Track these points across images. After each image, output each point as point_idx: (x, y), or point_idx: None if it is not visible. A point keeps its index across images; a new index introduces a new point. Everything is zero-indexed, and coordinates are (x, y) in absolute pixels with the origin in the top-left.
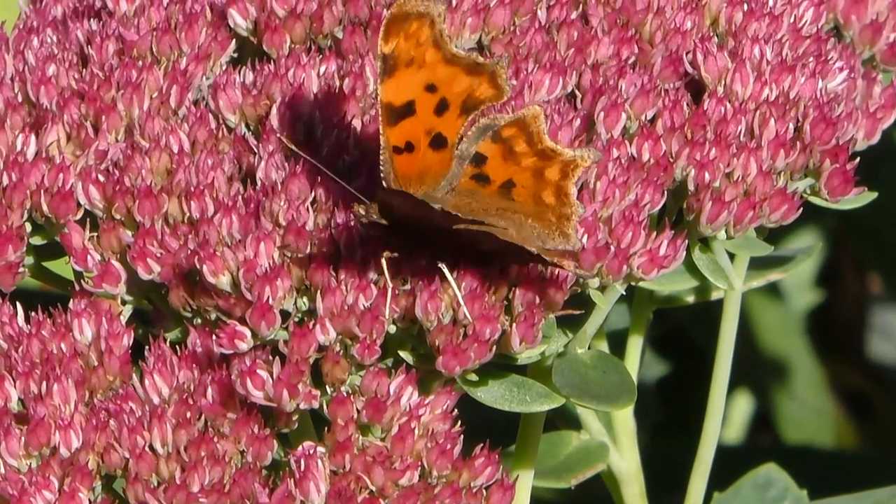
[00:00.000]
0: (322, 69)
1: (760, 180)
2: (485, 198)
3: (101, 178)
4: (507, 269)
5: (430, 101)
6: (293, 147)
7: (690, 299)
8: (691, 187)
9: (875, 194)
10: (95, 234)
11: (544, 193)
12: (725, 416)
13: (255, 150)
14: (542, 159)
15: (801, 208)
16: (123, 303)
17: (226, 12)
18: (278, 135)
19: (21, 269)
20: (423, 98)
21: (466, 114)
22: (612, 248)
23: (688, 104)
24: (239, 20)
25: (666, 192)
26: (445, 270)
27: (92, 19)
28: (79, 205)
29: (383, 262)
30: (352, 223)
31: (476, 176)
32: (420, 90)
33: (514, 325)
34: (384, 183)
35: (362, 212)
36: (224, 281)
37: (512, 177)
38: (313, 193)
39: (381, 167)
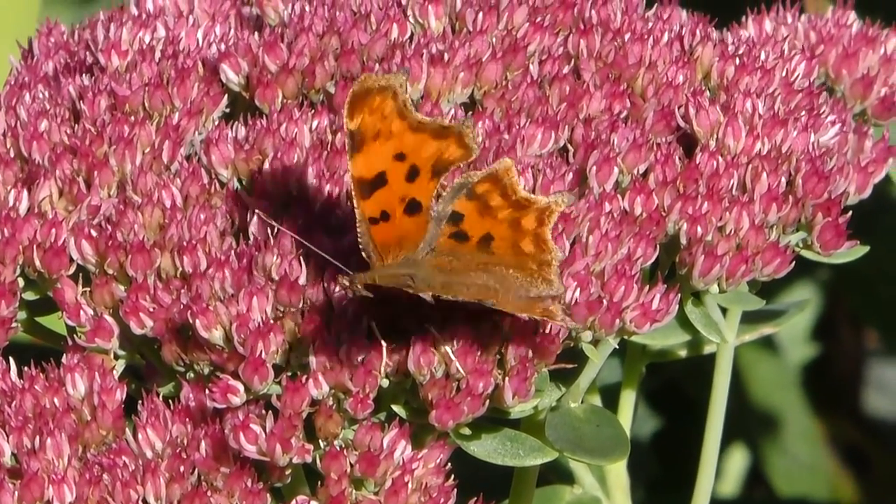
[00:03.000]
0: (314, 124)
1: (753, 234)
2: (465, 254)
3: (94, 234)
4: (500, 322)
5: (400, 169)
6: (268, 220)
7: (683, 353)
8: (683, 241)
9: (867, 248)
10: (88, 288)
11: (523, 242)
12: (720, 470)
13: (248, 206)
14: (517, 210)
15: (794, 262)
16: (116, 357)
17: (218, 67)
18: (256, 211)
19: (14, 325)
20: (394, 167)
21: (437, 176)
22: (605, 301)
23: (680, 158)
24: (231, 75)
25: (658, 246)
26: (434, 332)
27: (84, 75)
28: (71, 260)
29: (374, 327)
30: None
31: (454, 234)
32: (389, 160)
33: (506, 378)
34: (363, 253)
35: (346, 283)
36: (217, 335)
37: (489, 230)
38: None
39: (359, 239)
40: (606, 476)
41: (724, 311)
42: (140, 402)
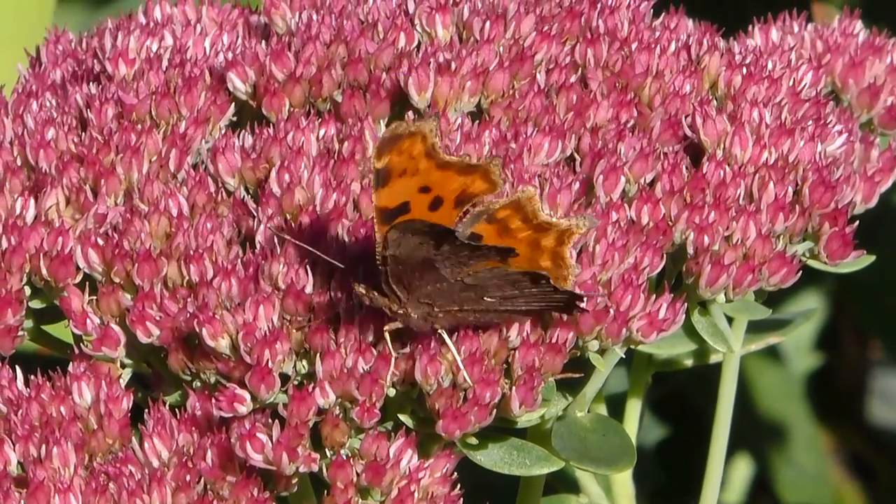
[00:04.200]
0: (321, 133)
1: (759, 243)
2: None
3: (101, 242)
4: (507, 332)
5: (424, 200)
6: (278, 233)
7: (689, 363)
8: (690, 251)
9: (873, 258)
10: (94, 297)
11: (541, 259)
12: (725, 479)
13: (254, 214)
14: (537, 232)
15: (801, 271)
16: (123, 366)
17: (225, 76)
18: (267, 225)
19: (20, 333)
20: (417, 199)
21: (461, 206)
22: (612, 311)
23: (687, 167)
24: (238, 84)
25: (665, 256)
26: (445, 335)
27: (91, 83)
28: (78, 268)
29: (387, 334)
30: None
31: None
32: (414, 192)
33: (513, 388)
34: (381, 278)
35: (363, 291)
36: (223, 344)
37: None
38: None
39: (379, 264)
40: (612, 485)
41: (730, 320)
42: (146, 410)
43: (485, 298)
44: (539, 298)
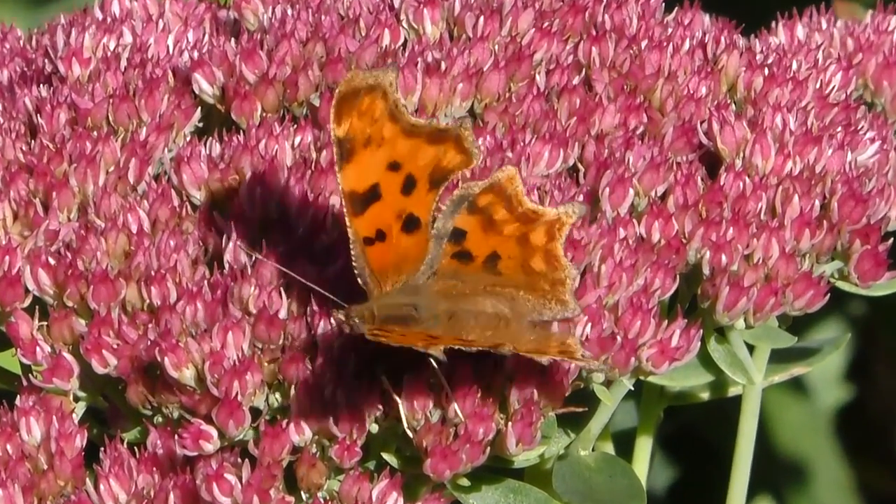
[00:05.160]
0: (297, 140)
1: (783, 263)
2: (470, 276)
3: (52, 262)
4: (503, 361)
5: (395, 180)
6: (249, 251)
7: (705, 396)
8: (706, 271)
9: None
10: (45, 323)
11: (533, 261)
12: None
13: (223, 231)
14: (524, 223)
15: (829, 294)
16: (76, 399)
17: (190, 77)
18: (234, 239)
19: None
20: (388, 178)
21: (437, 187)
22: (619, 338)
23: (702, 179)
24: (205, 86)
25: (678, 277)
26: (435, 365)
27: (41, 85)
28: (27, 291)
29: (384, 380)
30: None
31: (457, 254)
32: (383, 170)
33: (509, 423)
34: (359, 279)
35: (342, 318)
36: (188, 375)
37: (496, 249)
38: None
39: (354, 262)
40: None
41: (750, 348)
42: (102, 449)
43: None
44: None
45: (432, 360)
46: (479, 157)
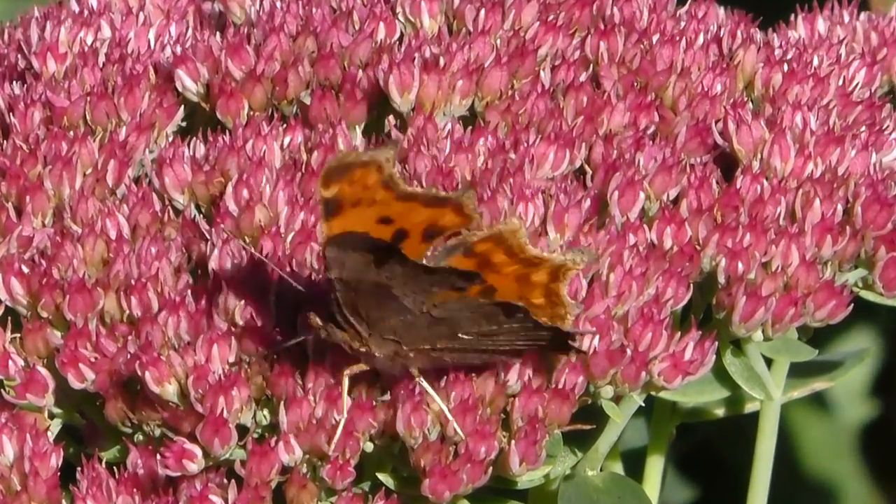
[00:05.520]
0: (286, 140)
1: (803, 271)
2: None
3: (25, 270)
4: (505, 376)
5: (385, 232)
6: (242, 244)
7: (720, 412)
8: (722, 280)
9: None
10: (18, 335)
11: (531, 295)
12: None
13: (208, 236)
14: (525, 266)
15: (852, 304)
16: (51, 416)
17: (172, 74)
18: (225, 229)
19: None
20: (377, 229)
21: (430, 240)
22: (629, 351)
23: (717, 182)
24: (188, 83)
25: (692, 286)
26: (425, 384)
27: (14, 82)
28: None
29: (345, 379)
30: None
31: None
32: (372, 223)
33: (513, 442)
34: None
35: (318, 322)
36: (170, 390)
37: (491, 284)
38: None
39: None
40: None
41: (769, 362)
42: (79, 468)
43: (459, 335)
44: (522, 335)
45: (422, 382)
46: (479, 220)
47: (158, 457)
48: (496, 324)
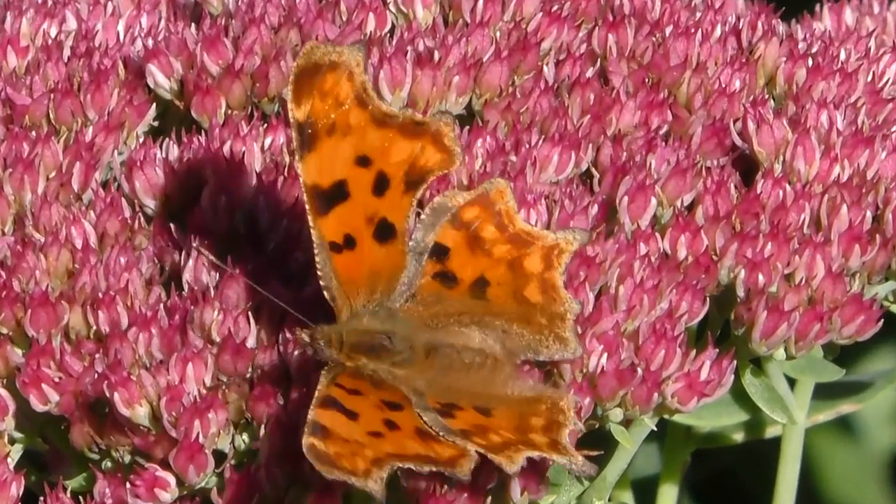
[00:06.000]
0: (267, 141)
1: (829, 284)
2: (454, 303)
3: None
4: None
5: (365, 177)
6: (214, 259)
7: (739, 437)
8: (741, 293)
9: None
10: None
11: (527, 290)
12: None
13: (181, 246)
14: (517, 246)
15: (882, 320)
16: (11, 441)
17: (143, 69)
18: (195, 246)
19: None
20: (356, 175)
21: (413, 189)
22: (640, 370)
23: (736, 186)
24: (160, 79)
25: (708, 300)
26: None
27: None
28: None
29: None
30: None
31: (439, 274)
32: (350, 165)
33: None
34: (325, 293)
35: (306, 339)
36: (141, 413)
37: (484, 273)
38: (255, 300)
39: (319, 272)
40: None
41: (791, 382)
42: (42, 498)
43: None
44: None
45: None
46: (460, 157)
47: (128, 485)
48: None
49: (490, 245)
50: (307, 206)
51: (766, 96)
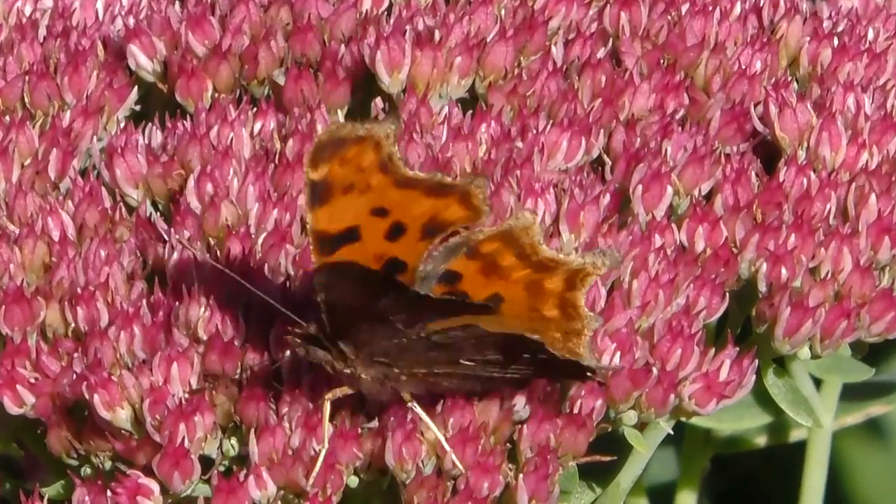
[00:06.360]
0: (256, 127)
1: (857, 278)
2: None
3: None
4: (511, 398)
5: (379, 226)
6: (198, 253)
7: (762, 441)
8: (763, 288)
9: None
10: None
11: (544, 307)
12: None
13: (166, 238)
14: (538, 271)
15: None
16: None
17: (124, 49)
18: (177, 237)
19: None
20: (370, 223)
21: (431, 237)
22: (655, 370)
23: (757, 174)
24: (143, 60)
25: (727, 295)
26: (418, 410)
27: None
28: None
29: (326, 404)
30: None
31: (447, 293)
32: (364, 215)
33: (520, 476)
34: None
35: (297, 340)
36: (122, 416)
37: (498, 291)
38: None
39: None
40: None
41: (817, 383)
42: None
43: (461, 361)
44: (534, 365)
45: (415, 408)
46: (488, 214)
47: (109, 493)
48: (504, 354)
49: (508, 271)
50: (310, 246)
51: (789, 78)
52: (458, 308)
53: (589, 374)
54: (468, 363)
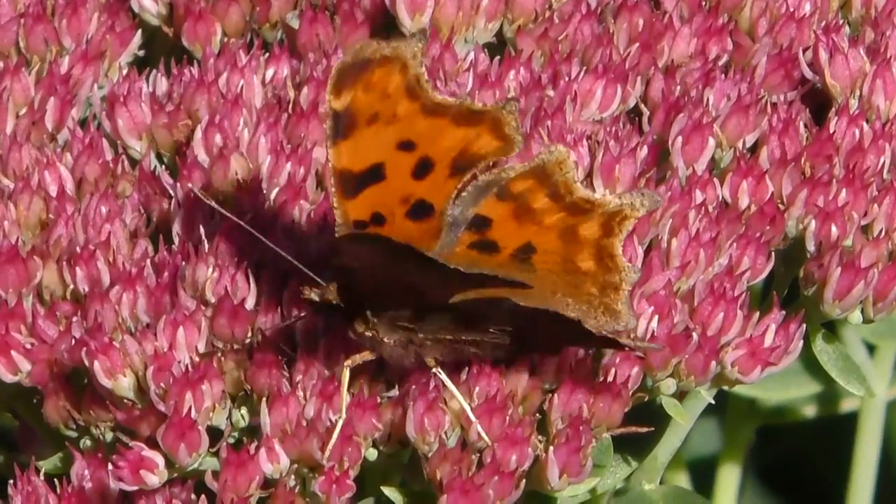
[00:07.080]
0: (269, 73)
1: None
2: (491, 270)
3: None
4: (541, 365)
5: (405, 162)
6: (213, 204)
7: (810, 412)
8: (811, 247)
9: None
10: None
11: (579, 258)
12: None
13: (171, 193)
14: (573, 214)
15: None
16: None
17: None
18: (191, 187)
19: None
20: (396, 158)
21: (460, 173)
22: (695, 335)
23: (805, 125)
24: (147, 2)
25: (773, 255)
26: (443, 377)
27: None
28: None
29: (345, 371)
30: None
31: (477, 244)
32: (390, 149)
33: (550, 448)
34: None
35: (315, 297)
36: (125, 384)
37: (530, 240)
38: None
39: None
40: None
41: (870, 349)
42: (11, 481)
43: (490, 330)
44: (566, 335)
45: (440, 374)
46: (520, 145)
47: (110, 467)
48: (535, 324)
49: (540, 214)
50: (333, 188)
51: (841, 22)
52: (489, 281)
53: (627, 348)
54: (496, 331)
